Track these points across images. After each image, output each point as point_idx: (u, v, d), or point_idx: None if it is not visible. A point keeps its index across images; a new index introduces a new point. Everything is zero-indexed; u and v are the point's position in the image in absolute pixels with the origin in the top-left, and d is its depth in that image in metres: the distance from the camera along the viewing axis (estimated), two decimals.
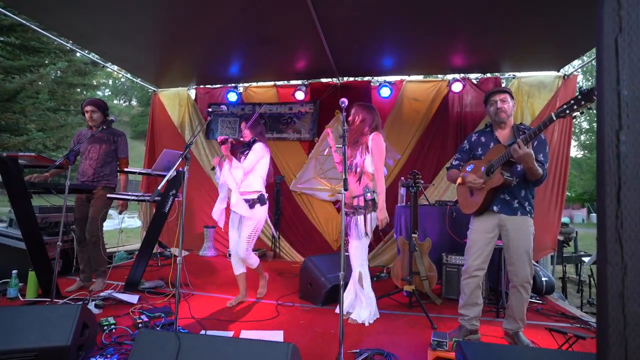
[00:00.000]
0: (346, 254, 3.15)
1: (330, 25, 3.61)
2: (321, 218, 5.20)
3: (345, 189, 1.71)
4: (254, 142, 2.97)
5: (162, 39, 4.16)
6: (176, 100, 5.61)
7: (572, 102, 1.81)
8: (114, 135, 3.25)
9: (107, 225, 5.19)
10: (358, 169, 2.68)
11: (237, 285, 3.02)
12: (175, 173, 2.94)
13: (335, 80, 5.16)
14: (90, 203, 3.08)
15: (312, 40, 3.90)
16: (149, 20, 3.68)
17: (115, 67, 5.19)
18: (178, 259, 2.01)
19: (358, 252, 2.67)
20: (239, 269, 2.95)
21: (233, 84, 5.40)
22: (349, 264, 2.81)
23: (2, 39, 11.74)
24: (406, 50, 4.26)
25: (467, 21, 3.36)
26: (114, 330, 2.25)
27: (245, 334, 2.35)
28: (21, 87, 9.57)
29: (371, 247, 5.00)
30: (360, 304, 2.70)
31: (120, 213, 3.26)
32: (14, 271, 2.80)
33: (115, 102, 31.13)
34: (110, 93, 32.78)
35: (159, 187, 1.82)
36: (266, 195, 2.92)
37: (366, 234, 2.63)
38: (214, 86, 5.59)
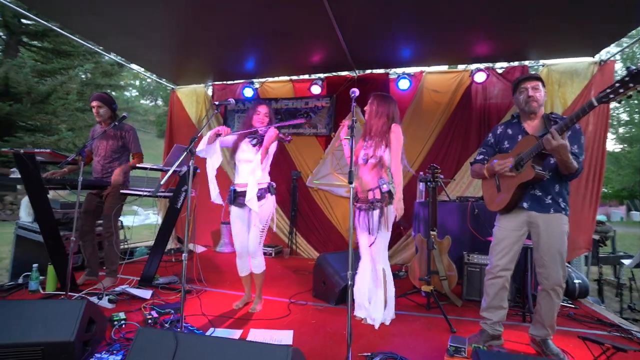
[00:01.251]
0: (354, 250, 3.06)
1: (344, 16, 3.48)
2: (338, 214, 5.10)
3: (350, 182, 1.60)
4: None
5: (178, 35, 4.16)
6: (194, 97, 5.65)
7: (618, 84, 1.60)
8: (122, 130, 3.18)
9: (132, 221, 5.31)
10: (373, 160, 2.54)
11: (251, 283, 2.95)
12: (185, 168, 2.93)
13: (352, 73, 5.02)
14: (101, 198, 3.09)
15: (327, 33, 3.78)
16: (164, 18, 3.69)
17: (137, 67, 5.27)
18: (184, 255, 1.97)
19: (379, 249, 2.53)
20: (244, 271, 2.78)
21: (249, 80, 5.38)
22: (360, 263, 2.69)
23: (37, 44, 12.33)
24: (425, 40, 4.06)
25: (490, 5, 3.13)
26: (123, 326, 2.25)
27: (253, 333, 2.29)
28: (52, 89, 9.99)
29: (390, 244, 4.91)
30: (376, 303, 2.57)
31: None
32: (35, 265, 2.87)
33: (142, 101, 32.16)
34: (137, 93, 33.89)
35: (161, 182, 1.77)
36: (274, 185, 2.75)
37: (387, 228, 2.49)
38: (230, 82, 5.58)
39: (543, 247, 2.05)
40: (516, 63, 4.45)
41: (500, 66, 4.49)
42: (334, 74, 5.13)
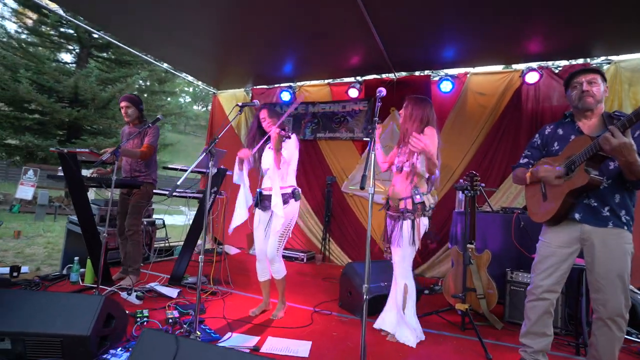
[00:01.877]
0: (379, 261, 2.87)
1: (380, 14, 3.35)
2: (373, 222, 4.86)
3: (362, 187, 1.46)
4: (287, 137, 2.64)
5: (220, 40, 4.29)
6: (233, 101, 5.79)
7: None
8: (147, 127, 3.17)
9: (177, 220, 5.51)
10: (406, 169, 2.38)
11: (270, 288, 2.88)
12: (215, 169, 2.95)
13: (391, 75, 4.84)
14: (130, 197, 3.18)
15: (363, 33, 3.67)
16: (207, 24, 3.83)
17: (179, 73, 5.53)
18: (200, 257, 1.95)
19: (403, 262, 2.36)
20: (263, 275, 2.72)
21: (287, 84, 5.40)
22: (392, 274, 2.52)
23: (104, 55, 13.53)
24: (470, 39, 3.79)
25: None
26: (145, 323, 2.28)
27: (270, 342, 2.21)
28: (112, 96, 10.88)
29: (428, 256, 4.64)
30: (403, 320, 2.37)
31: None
32: (76, 258, 3.05)
33: (195, 107, 34.09)
34: (190, 99, 35.98)
35: (178, 183, 1.76)
36: (299, 190, 2.68)
37: (413, 241, 2.31)
38: (269, 86, 5.65)
39: (599, 268, 1.75)
40: (575, 61, 4.00)
41: (557, 65, 4.07)
42: (372, 76, 4.99)
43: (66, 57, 14.43)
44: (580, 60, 3.94)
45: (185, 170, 3.38)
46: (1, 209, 10.51)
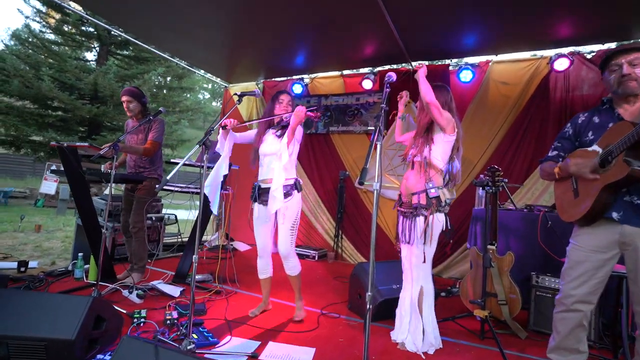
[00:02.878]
0: (392, 261, 2.68)
1: (396, 5, 3.14)
2: (388, 219, 4.70)
3: (361, 183, 1.29)
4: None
5: (232, 32, 4.15)
6: None
7: None
8: (150, 122, 3.08)
9: (192, 215, 5.49)
10: (418, 159, 2.18)
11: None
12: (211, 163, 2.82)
13: (407, 65, 4.60)
14: (134, 193, 3.10)
15: (377, 21, 3.46)
16: (217, 15, 3.70)
17: (187, 65, 5.46)
18: (194, 257, 1.82)
19: (419, 262, 2.15)
20: (264, 272, 2.59)
21: (299, 76, 5.23)
22: (403, 277, 2.33)
23: (123, 52, 13.74)
24: (492, 24, 3.51)
25: None
26: (142, 325, 2.18)
27: (271, 348, 2.07)
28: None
29: (446, 256, 4.40)
30: (416, 327, 2.18)
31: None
32: (80, 254, 3.00)
33: (213, 104, 34.43)
34: (209, 96, 36.38)
35: (167, 178, 1.64)
36: (301, 181, 2.51)
37: (429, 240, 2.11)
38: (281, 79, 5.50)
39: None
40: (612, 44, 3.64)
41: (589, 50, 3.72)
42: (387, 67, 4.75)
43: (88, 55, 14.77)
44: (615, 44, 3.58)
45: (187, 165, 3.29)
46: (27, 203, 10.89)
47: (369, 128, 4.87)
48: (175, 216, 5.28)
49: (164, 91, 14.06)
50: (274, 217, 2.47)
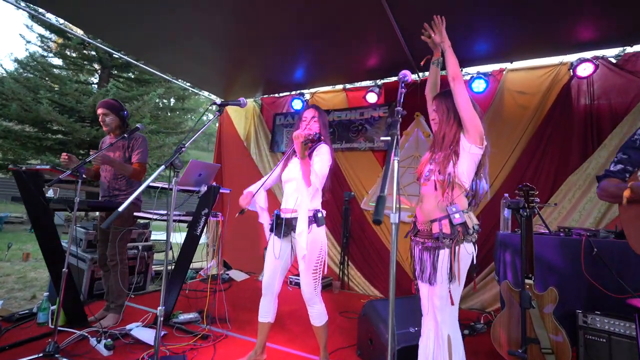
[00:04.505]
0: (408, 297, 2.27)
1: (401, 6, 2.87)
2: (400, 245, 4.28)
3: (378, 221, 0.90)
4: (318, 139, 2.17)
5: (225, 47, 3.92)
6: (242, 112, 5.41)
7: None
8: (131, 139, 2.78)
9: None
10: (440, 177, 1.80)
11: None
12: (204, 187, 2.48)
13: (414, 77, 4.30)
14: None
15: (382, 28, 3.19)
16: (212, 31, 3.55)
17: (182, 83, 5.22)
18: (161, 293, 1.44)
19: (445, 304, 1.75)
20: (266, 315, 2.20)
21: (299, 91, 4.96)
22: (422, 321, 1.92)
23: (125, 75, 13.72)
24: (506, 29, 3.21)
25: None
26: None
27: None
28: (130, 114, 10.87)
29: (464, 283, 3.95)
30: None
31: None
32: (46, 294, 2.62)
33: (217, 124, 34.47)
34: (212, 116, 36.48)
35: (120, 209, 1.29)
36: (324, 213, 2.16)
37: (455, 277, 1.71)
38: (280, 95, 5.24)
39: None
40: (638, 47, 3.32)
41: (616, 53, 3.40)
42: (393, 79, 4.47)
43: (90, 78, 14.79)
44: None
45: (167, 189, 2.94)
46: (23, 229, 10.57)
47: (375, 145, 4.54)
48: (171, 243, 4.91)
49: (167, 113, 13.93)
50: (290, 254, 2.13)
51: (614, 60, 3.40)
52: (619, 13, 2.85)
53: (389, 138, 1.01)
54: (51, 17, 10.84)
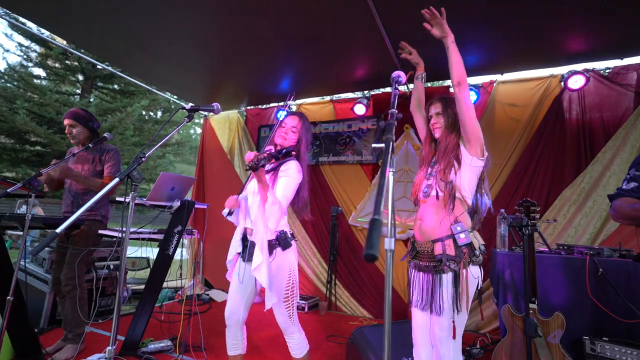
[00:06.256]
0: (401, 322, 2.04)
1: (392, 18, 2.78)
2: (396, 268, 4.05)
3: (372, 257, 0.71)
4: (285, 154, 1.79)
5: (211, 55, 3.75)
6: (226, 124, 5.21)
7: None
8: (102, 152, 2.57)
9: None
10: (441, 193, 1.60)
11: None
12: (178, 203, 2.25)
13: (403, 88, 4.19)
14: (69, 241, 2.46)
15: (371, 37, 3.08)
16: (196, 39, 3.40)
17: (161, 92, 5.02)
18: (112, 327, 1.20)
19: (447, 336, 1.54)
20: (234, 348, 1.93)
21: (285, 102, 4.80)
22: (414, 354, 1.71)
23: (108, 85, 13.44)
24: (496, 40, 3.14)
25: None
26: None
27: None
28: (112, 126, 10.55)
29: None
30: None
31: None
32: None
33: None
34: (200, 130, 36.15)
35: (56, 231, 1.06)
36: (289, 233, 1.90)
37: (460, 305, 1.52)
38: (265, 106, 5.07)
39: None
40: (634, 59, 3.28)
41: (606, 66, 3.36)
42: (382, 90, 4.35)
43: (72, 89, 14.44)
44: (638, 59, 3.22)
45: (139, 204, 2.70)
46: None
47: (363, 158, 4.38)
48: (147, 259, 4.60)
49: (151, 125, 13.64)
50: (255, 281, 1.87)
51: (604, 73, 3.35)
52: (609, 26, 2.80)
53: (382, 145, 0.82)
54: (32, 27, 10.58)
